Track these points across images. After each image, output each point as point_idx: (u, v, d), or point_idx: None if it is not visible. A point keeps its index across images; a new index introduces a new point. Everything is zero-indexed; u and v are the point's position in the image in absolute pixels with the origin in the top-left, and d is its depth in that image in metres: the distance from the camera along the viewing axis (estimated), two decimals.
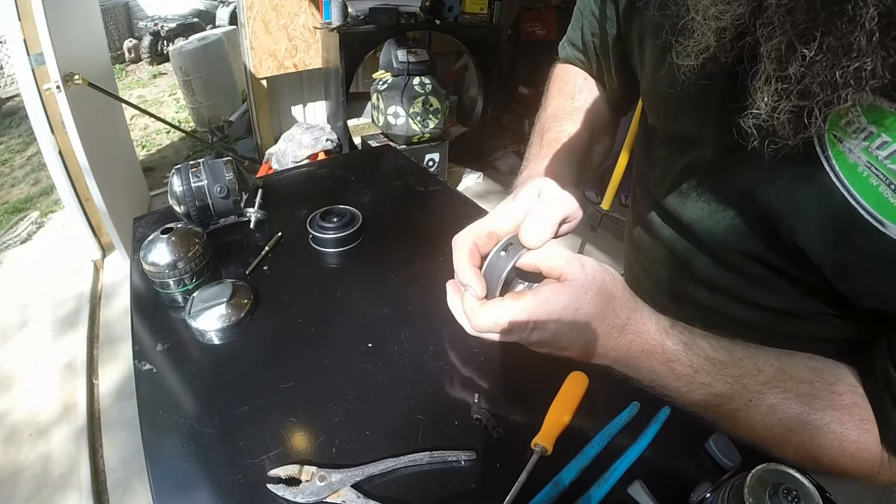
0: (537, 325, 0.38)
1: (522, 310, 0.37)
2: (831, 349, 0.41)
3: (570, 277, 0.37)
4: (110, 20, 5.02)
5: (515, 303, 0.38)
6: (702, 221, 0.45)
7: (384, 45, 2.38)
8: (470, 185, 2.88)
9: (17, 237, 2.38)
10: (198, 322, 0.52)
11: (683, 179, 0.46)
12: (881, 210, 0.30)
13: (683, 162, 0.46)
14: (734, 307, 0.48)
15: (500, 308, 0.38)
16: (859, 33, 0.24)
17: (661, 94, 0.46)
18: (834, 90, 0.27)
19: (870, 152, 0.29)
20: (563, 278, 0.38)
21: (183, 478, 0.40)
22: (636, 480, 0.39)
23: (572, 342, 0.39)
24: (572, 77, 0.64)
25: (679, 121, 0.46)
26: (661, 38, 0.42)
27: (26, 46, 1.55)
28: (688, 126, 0.44)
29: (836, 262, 0.34)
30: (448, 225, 0.77)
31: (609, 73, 0.59)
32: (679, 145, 0.47)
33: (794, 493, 0.30)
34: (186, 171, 0.64)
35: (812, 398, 0.36)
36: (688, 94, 0.40)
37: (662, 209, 0.50)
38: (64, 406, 1.53)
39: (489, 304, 0.39)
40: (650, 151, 0.54)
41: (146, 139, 3.45)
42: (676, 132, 0.47)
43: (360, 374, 0.48)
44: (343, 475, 0.39)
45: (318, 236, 0.65)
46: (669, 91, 0.42)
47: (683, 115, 0.44)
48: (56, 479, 1.34)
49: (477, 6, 2.58)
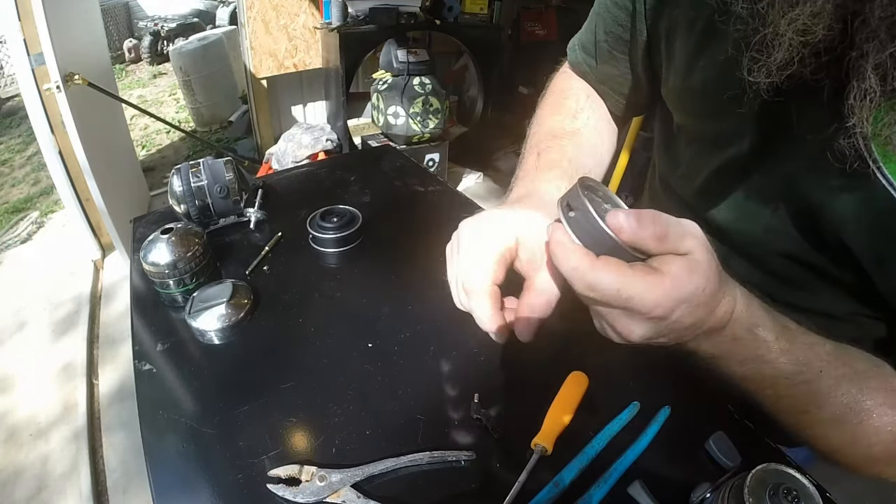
0: (665, 313, 0.30)
1: (651, 288, 0.29)
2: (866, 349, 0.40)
3: (699, 257, 0.30)
4: (110, 20, 5.01)
5: (645, 278, 0.29)
6: (738, 222, 0.43)
7: (384, 45, 2.38)
8: (470, 185, 2.88)
9: (17, 237, 2.38)
10: (198, 322, 0.52)
11: (717, 179, 0.45)
12: None
13: (717, 160, 0.44)
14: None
15: (628, 278, 0.29)
16: None
17: (692, 92, 0.44)
18: None
19: None
20: (691, 254, 0.30)
21: (183, 478, 0.40)
22: (636, 480, 0.39)
23: (685, 332, 0.32)
24: (574, 93, 0.60)
25: (715, 118, 0.44)
26: (694, 34, 0.40)
27: (26, 46, 1.55)
28: (725, 123, 0.42)
29: (878, 260, 0.34)
30: (448, 225, 0.77)
31: (622, 76, 0.55)
32: (712, 143, 0.45)
33: (794, 493, 0.30)
34: (186, 171, 0.64)
35: (874, 391, 0.35)
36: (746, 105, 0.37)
37: (693, 211, 0.48)
38: (64, 406, 1.53)
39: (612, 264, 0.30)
40: (674, 150, 0.52)
41: (146, 139, 3.45)
42: (710, 130, 0.45)
43: (360, 374, 0.48)
44: (343, 475, 0.39)
45: (318, 236, 0.65)
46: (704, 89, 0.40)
47: (721, 112, 0.42)
48: (56, 479, 1.34)
49: (477, 6, 2.58)
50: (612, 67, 0.56)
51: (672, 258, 0.30)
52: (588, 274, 0.29)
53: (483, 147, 2.97)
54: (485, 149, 2.99)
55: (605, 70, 0.57)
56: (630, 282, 0.29)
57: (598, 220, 0.29)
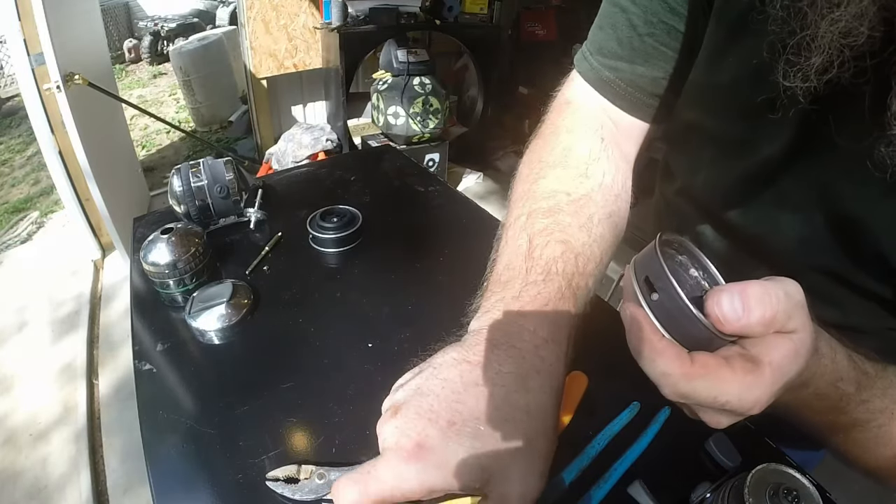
0: (762, 407, 0.26)
1: (751, 388, 0.25)
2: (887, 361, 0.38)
3: (805, 335, 0.26)
4: (110, 20, 5.02)
5: (745, 378, 0.25)
6: (768, 233, 0.41)
7: (384, 46, 2.38)
8: (470, 186, 2.88)
9: (17, 237, 2.38)
10: (198, 322, 0.52)
11: (745, 186, 0.42)
12: None
13: (745, 166, 0.41)
14: None
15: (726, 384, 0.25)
16: None
17: (716, 90, 0.41)
18: None
19: None
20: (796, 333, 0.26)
21: (183, 478, 0.40)
22: (636, 480, 0.39)
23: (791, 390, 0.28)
24: (585, 132, 0.47)
25: (743, 121, 0.41)
26: (723, 27, 0.38)
27: (26, 46, 1.55)
28: (755, 127, 0.39)
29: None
30: (448, 225, 0.78)
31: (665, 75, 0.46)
32: (738, 147, 0.42)
33: (794, 493, 0.30)
34: (186, 171, 0.64)
35: None
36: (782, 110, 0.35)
37: (717, 220, 0.46)
38: (64, 407, 1.53)
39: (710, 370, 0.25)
40: (689, 153, 0.49)
41: (146, 139, 3.45)
42: (735, 132, 0.42)
43: (360, 374, 0.48)
44: (342, 473, 0.39)
45: (318, 236, 0.65)
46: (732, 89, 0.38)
47: (750, 115, 0.39)
48: (56, 479, 1.34)
49: (477, 6, 2.58)
50: (652, 67, 0.45)
51: (775, 342, 0.25)
52: (681, 384, 0.26)
53: (483, 147, 2.97)
54: (485, 149, 2.99)
55: (642, 71, 0.46)
56: (728, 386, 0.25)
57: (691, 310, 0.24)
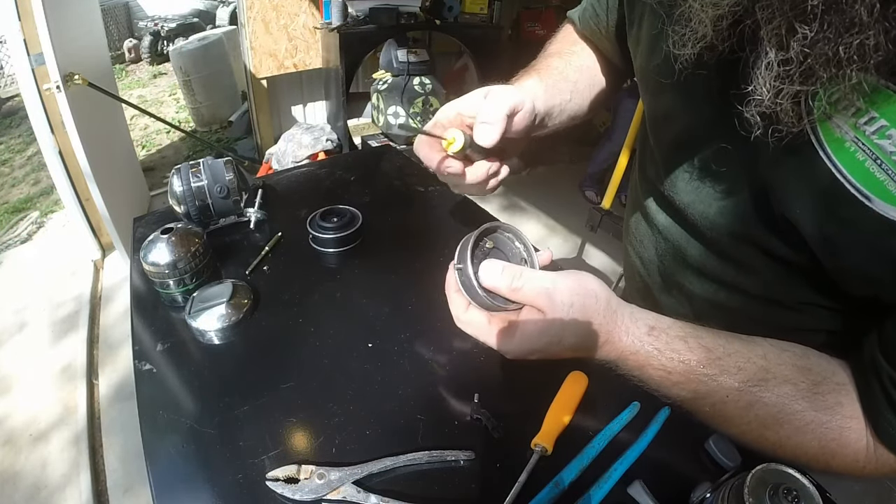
0: (520, 356, 0.40)
1: (507, 339, 0.39)
2: (818, 340, 0.41)
3: (549, 314, 0.37)
4: (110, 20, 5.02)
5: (500, 333, 0.40)
6: (694, 204, 0.44)
7: (384, 45, 2.38)
8: None
9: (17, 237, 2.38)
10: (198, 322, 0.52)
11: (673, 159, 0.46)
12: (867, 185, 0.30)
13: (675, 143, 0.46)
14: (723, 295, 0.48)
15: (485, 328, 0.41)
16: (860, 6, 0.24)
17: (644, 69, 0.46)
18: (838, 68, 0.26)
19: (857, 128, 0.29)
20: (544, 311, 0.38)
21: (183, 478, 0.40)
22: (636, 480, 0.39)
23: (559, 354, 0.40)
24: (575, 37, 0.65)
25: (671, 101, 0.45)
26: (658, 23, 0.42)
27: (26, 46, 1.55)
28: (679, 107, 0.44)
29: (823, 237, 0.34)
30: (448, 225, 0.78)
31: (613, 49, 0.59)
32: (670, 125, 0.46)
33: (794, 493, 0.30)
34: (186, 171, 0.64)
35: (793, 398, 0.36)
36: (682, 80, 0.39)
37: (659, 194, 0.50)
38: (64, 407, 1.53)
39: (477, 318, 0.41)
40: (645, 137, 0.54)
41: (146, 139, 3.45)
42: (667, 112, 0.47)
43: (360, 374, 0.48)
44: (342, 473, 0.39)
45: (318, 236, 0.65)
46: (663, 76, 0.42)
47: (675, 96, 0.44)
48: (56, 480, 1.34)
49: (477, 6, 2.58)
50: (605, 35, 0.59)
51: (530, 315, 0.38)
52: (460, 325, 0.42)
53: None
54: None
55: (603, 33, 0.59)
56: (487, 336, 0.41)
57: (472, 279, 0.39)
